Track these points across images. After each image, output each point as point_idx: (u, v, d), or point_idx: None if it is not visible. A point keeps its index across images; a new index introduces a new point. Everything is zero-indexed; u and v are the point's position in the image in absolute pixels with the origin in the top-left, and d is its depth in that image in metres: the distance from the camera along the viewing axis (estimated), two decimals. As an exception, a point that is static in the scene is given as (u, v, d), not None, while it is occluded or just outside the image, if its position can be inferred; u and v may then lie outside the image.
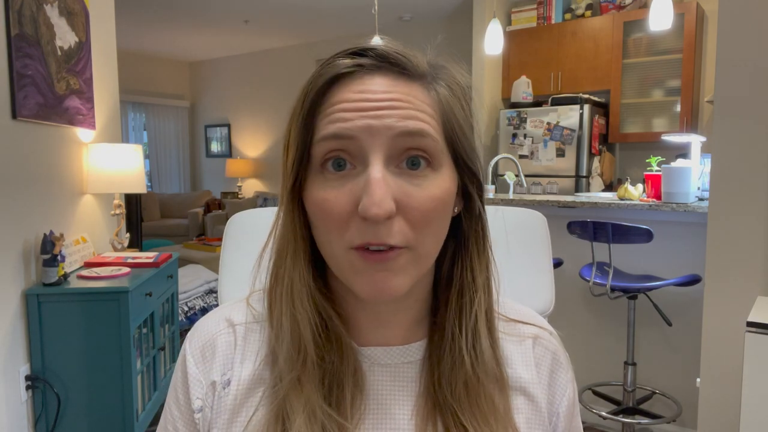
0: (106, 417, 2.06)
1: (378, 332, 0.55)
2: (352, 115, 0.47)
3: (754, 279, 1.71)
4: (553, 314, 0.95)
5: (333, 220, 0.47)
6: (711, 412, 1.82)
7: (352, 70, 0.48)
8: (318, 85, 0.48)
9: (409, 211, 0.47)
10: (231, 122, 7.72)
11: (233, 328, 0.56)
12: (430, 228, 0.49)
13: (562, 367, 0.59)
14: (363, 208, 0.45)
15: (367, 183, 0.45)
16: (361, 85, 0.48)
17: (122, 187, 2.53)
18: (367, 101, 0.47)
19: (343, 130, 0.46)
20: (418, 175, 0.48)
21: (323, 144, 0.47)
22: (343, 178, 0.47)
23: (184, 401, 0.55)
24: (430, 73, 0.50)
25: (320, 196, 0.48)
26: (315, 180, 0.49)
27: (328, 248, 0.49)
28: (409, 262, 0.48)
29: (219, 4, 5.18)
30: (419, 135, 0.47)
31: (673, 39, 3.78)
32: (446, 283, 0.55)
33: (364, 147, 0.46)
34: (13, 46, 1.92)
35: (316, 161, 0.48)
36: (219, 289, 0.88)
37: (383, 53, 0.49)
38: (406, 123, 0.47)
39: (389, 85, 0.48)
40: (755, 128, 1.68)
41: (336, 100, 0.48)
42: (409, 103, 0.48)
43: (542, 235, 0.94)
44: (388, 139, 0.46)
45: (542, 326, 0.61)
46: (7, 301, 1.93)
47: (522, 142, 4.11)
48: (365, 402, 0.53)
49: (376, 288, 0.48)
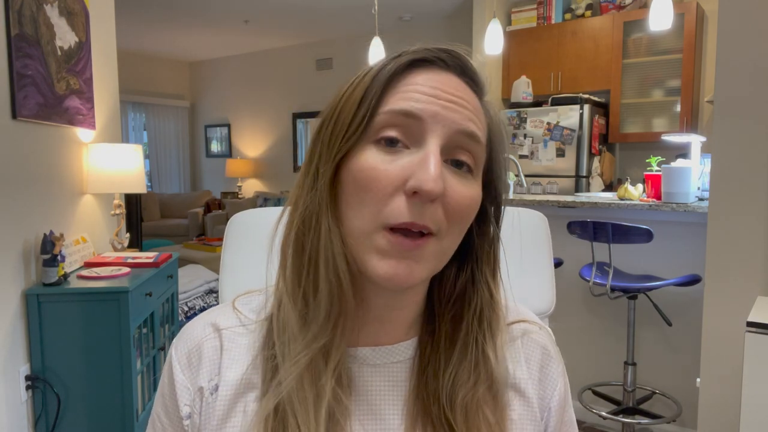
0: (106, 417, 2.06)
1: (370, 331, 0.54)
2: (425, 98, 0.48)
3: (754, 279, 1.71)
4: (553, 314, 0.95)
5: (376, 191, 0.47)
6: (711, 412, 1.82)
7: (432, 59, 0.50)
8: (400, 62, 0.50)
9: (449, 201, 0.48)
10: (231, 122, 7.72)
11: (219, 333, 0.55)
12: (459, 224, 0.50)
13: (553, 361, 0.59)
14: (418, 181, 0.45)
15: (426, 158, 0.46)
16: (438, 76, 0.50)
17: (122, 187, 2.53)
18: (442, 91, 0.49)
19: (414, 108, 0.48)
20: (461, 173, 0.50)
21: (389, 117, 0.48)
22: (395, 153, 0.48)
23: (172, 408, 0.55)
24: (486, 91, 0.54)
25: (370, 164, 0.48)
26: (365, 148, 0.49)
27: (357, 222, 0.48)
28: (433, 253, 0.49)
29: (219, 4, 5.18)
30: (475, 139, 0.50)
31: (673, 39, 3.78)
32: (459, 297, 0.55)
33: (426, 131, 0.48)
34: (13, 46, 1.92)
35: (372, 131, 0.49)
36: (219, 289, 0.88)
37: (464, 60, 0.52)
38: (469, 124, 0.49)
39: (462, 86, 0.51)
40: (755, 128, 1.68)
41: (412, 81, 0.49)
42: (474, 107, 0.51)
43: (542, 235, 0.94)
44: (450, 131, 0.48)
45: (531, 321, 0.61)
46: (7, 301, 1.93)
47: (522, 142, 4.11)
48: (355, 402, 0.53)
49: (397, 273, 0.47)
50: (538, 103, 4.16)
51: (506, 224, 0.95)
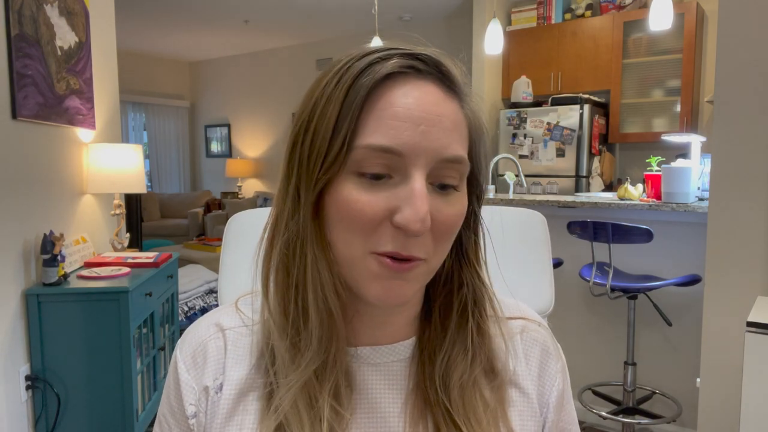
0: (106, 417, 2.06)
1: (369, 333, 0.55)
2: (403, 126, 0.46)
3: (754, 279, 1.71)
4: (553, 314, 0.95)
5: (362, 224, 0.47)
6: (711, 412, 1.82)
7: (405, 71, 0.48)
8: (372, 81, 0.47)
9: (437, 227, 0.48)
10: (231, 122, 7.72)
11: (223, 332, 0.56)
12: (447, 242, 0.50)
13: (552, 357, 0.60)
14: (405, 220, 0.45)
15: (412, 196, 0.46)
16: (414, 90, 0.47)
17: (122, 187, 2.53)
18: (420, 111, 0.47)
19: (392, 144, 0.46)
20: (445, 193, 0.49)
21: (368, 152, 0.46)
22: (380, 185, 0.47)
23: (177, 408, 0.55)
24: (464, 89, 0.51)
25: (353, 197, 0.47)
26: (347, 180, 0.47)
27: (345, 250, 0.48)
28: (422, 273, 0.49)
29: (219, 4, 5.18)
30: (458, 162, 0.48)
31: (673, 39, 3.78)
32: (446, 285, 0.56)
33: (408, 163, 0.46)
34: (13, 46, 1.92)
35: (352, 162, 0.47)
36: (219, 289, 0.88)
37: (436, 61, 0.49)
38: (450, 149, 0.48)
39: (440, 97, 0.48)
40: (755, 128, 1.68)
41: (387, 102, 0.47)
42: (453, 122, 0.48)
43: (542, 235, 0.94)
44: (432, 161, 0.47)
45: (530, 318, 0.61)
46: (7, 301, 1.93)
47: (522, 142, 4.11)
48: (355, 401, 0.53)
49: (389, 294, 0.48)
50: (538, 103, 4.16)
51: (506, 224, 0.95)
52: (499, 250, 0.58)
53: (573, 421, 0.61)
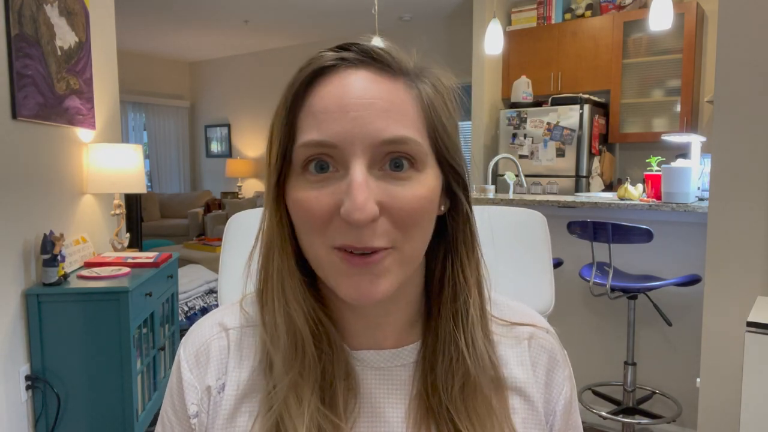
0: (106, 417, 2.06)
1: (369, 335, 0.54)
2: (332, 117, 0.46)
3: (754, 279, 1.71)
4: (553, 314, 0.95)
5: (314, 221, 0.47)
6: (711, 412, 1.82)
7: (334, 63, 0.48)
8: (300, 78, 0.48)
9: (395, 212, 0.46)
10: (231, 122, 7.72)
11: (226, 332, 0.56)
12: (417, 228, 0.48)
13: (559, 365, 0.59)
14: (345, 212, 0.45)
15: (350, 187, 0.45)
16: (343, 79, 0.47)
17: (122, 187, 2.53)
18: (351, 97, 0.46)
19: (324, 137, 0.46)
20: (402, 176, 0.47)
21: (304, 149, 0.47)
22: (325, 180, 0.47)
23: (180, 407, 0.55)
24: (414, 72, 0.50)
25: (301, 196, 0.47)
26: (296, 180, 0.48)
27: (310, 250, 0.49)
28: (394, 263, 0.48)
29: (219, 4, 5.18)
30: (401, 142, 0.46)
31: (673, 39, 3.78)
32: (439, 285, 0.55)
33: (346, 154, 0.46)
34: (13, 46, 1.92)
35: (297, 163, 0.48)
36: (219, 289, 0.88)
37: (366, 48, 0.48)
38: (388, 130, 0.46)
39: (372, 80, 0.47)
40: (755, 128, 1.68)
41: (318, 96, 0.47)
42: (390, 102, 0.47)
43: (542, 235, 0.94)
44: (370, 147, 0.46)
45: (538, 325, 0.60)
46: (7, 301, 1.93)
47: (522, 142, 4.11)
48: (358, 406, 0.52)
49: (360, 292, 0.47)
50: (538, 103, 4.16)
51: (506, 224, 0.95)
52: (499, 250, 0.58)
53: (578, 429, 0.61)
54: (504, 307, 0.60)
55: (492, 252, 0.57)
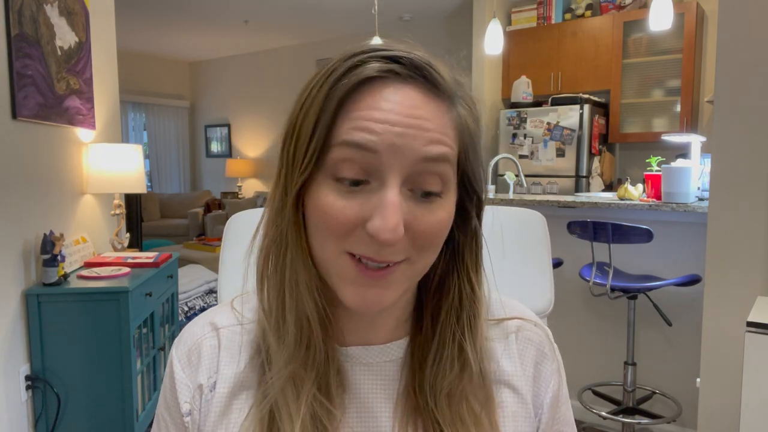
0: (106, 417, 2.06)
1: (361, 333, 0.55)
2: (379, 127, 0.45)
3: (754, 279, 1.71)
4: (553, 314, 0.95)
5: (336, 229, 0.46)
6: (711, 412, 1.82)
7: (385, 75, 0.46)
8: (350, 84, 0.46)
9: (416, 233, 0.47)
10: (231, 122, 7.72)
11: (217, 331, 0.57)
12: (433, 248, 0.49)
13: (547, 358, 0.59)
14: (375, 230, 0.44)
15: (383, 205, 0.45)
16: (393, 95, 0.46)
17: (122, 187, 2.53)
18: (397, 114, 0.45)
19: (368, 141, 0.45)
20: (428, 200, 0.47)
21: (344, 150, 0.46)
22: (355, 192, 0.46)
23: (173, 406, 0.56)
24: (454, 91, 0.49)
25: (328, 202, 0.46)
26: (323, 184, 0.47)
27: (320, 251, 0.49)
28: (404, 275, 0.49)
29: (219, 4, 5.18)
30: (441, 161, 0.47)
31: (673, 39, 3.78)
32: (438, 290, 0.55)
33: (384, 165, 0.45)
34: (13, 46, 1.92)
35: (329, 164, 0.46)
36: (219, 289, 0.88)
37: (418, 64, 0.47)
38: (431, 148, 0.46)
39: (420, 100, 0.47)
40: (755, 128, 1.68)
41: (365, 105, 0.46)
42: (435, 124, 0.46)
43: (542, 235, 0.94)
44: (410, 162, 0.45)
45: (526, 317, 0.60)
46: (7, 301, 1.93)
47: (522, 142, 4.11)
48: (347, 400, 0.53)
49: (365, 301, 0.48)
50: (538, 103, 4.16)
51: (506, 224, 0.95)
52: (499, 250, 0.58)
53: (568, 422, 0.60)
54: (494, 302, 0.61)
55: (492, 252, 0.57)
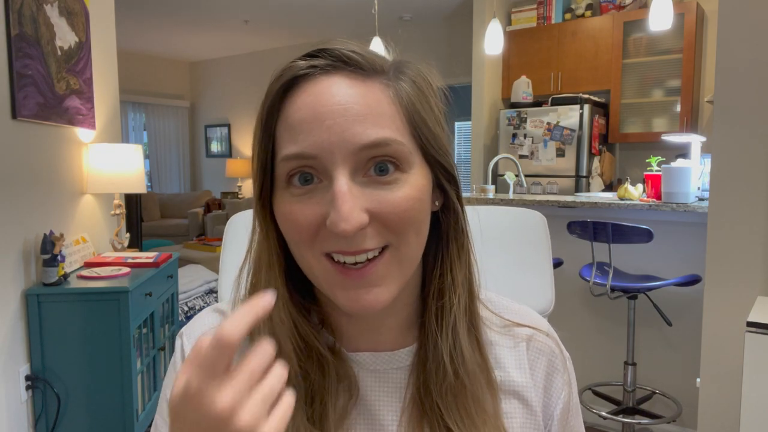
0: (106, 417, 2.06)
1: (366, 338, 0.54)
2: (309, 127, 0.45)
3: (754, 279, 1.71)
4: (553, 314, 0.95)
5: (301, 234, 0.47)
6: (711, 412, 1.82)
7: (306, 72, 0.47)
8: (274, 90, 0.47)
9: (385, 216, 0.46)
10: (231, 122, 7.72)
11: None
12: (411, 227, 0.48)
13: (558, 370, 0.58)
14: (331, 223, 0.44)
15: (334, 197, 0.44)
16: (316, 86, 0.46)
17: (122, 187, 2.53)
18: (324, 105, 0.45)
19: (304, 150, 0.45)
20: (388, 180, 0.46)
21: (285, 163, 0.47)
22: (309, 192, 0.47)
23: None
24: (391, 70, 0.49)
25: (287, 210, 0.47)
26: (282, 194, 0.48)
27: (301, 260, 0.49)
28: (392, 266, 0.48)
29: (219, 4, 5.18)
30: (382, 144, 0.45)
31: (673, 39, 3.78)
32: (438, 292, 0.54)
33: (327, 162, 0.45)
34: (13, 46, 1.92)
35: (280, 176, 0.48)
36: (219, 289, 0.88)
37: (338, 53, 0.47)
38: (365, 134, 0.45)
39: (346, 85, 0.46)
40: (755, 128, 1.68)
41: (295, 106, 0.47)
42: (366, 105, 0.46)
43: (542, 235, 0.94)
44: (350, 154, 0.45)
45: (537, 327, 0.59)
46: (7, 301, 1.93)
47: (522, 142, 4.11)
48: (354, 409, 0.52)
49: (361, 304, 0.47)
50: (538, 103, 4.16)
51: (506, 224, 0.95)
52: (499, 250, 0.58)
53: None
54: (503, 308, 0.60)
55: (492, 252, 0.57)
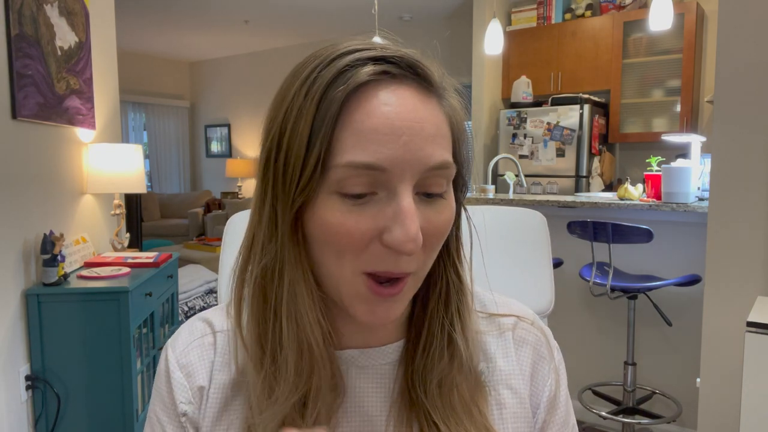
0: (106, 417, 2.06)
1: (358, 336, 0.54)
2: (383, 139, 0.43)
3: (754, 279, 1.71)
4: (553, 314, 0.95)
5: (351, 246, 0.45)
6: (711, 412, 1.82)
7: (378, 78, 0.45)
8: (346, 91, 0.44)
9: (429, 237, 0.46)
10: (231, 122, 7.72)
11: (214, 334, 0.56)
12: (437, 250, 0.49)
13: (544, 358, 0.58)
14: (396, 241, 0.43)
15: (401, 215, 0.43)
16: (390, 97, 0.44)
17: (122, 187, 2.53)
18: (397, 119, 0.44)
19: (376, 161, 0.43)
20: (434, 201, 0.47)
21: (348, 170, 0.43)
22: (365, 204, 0.44)
23: (170, 406, 0.55)
24: (442, 85, 0.48)
25: (336, 220, 0.44)
26: (329, 200, 0.44)
27: (336, 270, 0.47)
28: (411, 288, 0.49)
29: (219, 4, 5.18)
30: (444, 167, 0.46)
31: (673, 39, 3.78)
32: (426, 283, 0.54)
33: (394, 177, 0.44)
34: (13, 46, 1.92)
35: (331, 182, 0.44)
36: (219, 289, 0.88)
37: (411, 63, 0.46)
38: (435, 156, 0.45)
39: (418, 100, 0.45)
40: (755, 128, 1.68)
41: (363, 113, 0.44)
42: (436, 126, 0.46)
43: (542, 235, 0.94)
44: (419, 172, 0.44)
45: (522, 315, 0.59)
46: (7, 301, 1.93)
47: (522, 142, 4.11)
48: (342, 404, 0.52)
49: (376, 317, 0.48)
50: (538, 103, 4.16)
51: (506, 224, 0.95)
52: (499, 250, 0.58)
53: (567, 423, 0.59)
54: (489, 301, 0.60)
55: (492, 252, 0.57)
